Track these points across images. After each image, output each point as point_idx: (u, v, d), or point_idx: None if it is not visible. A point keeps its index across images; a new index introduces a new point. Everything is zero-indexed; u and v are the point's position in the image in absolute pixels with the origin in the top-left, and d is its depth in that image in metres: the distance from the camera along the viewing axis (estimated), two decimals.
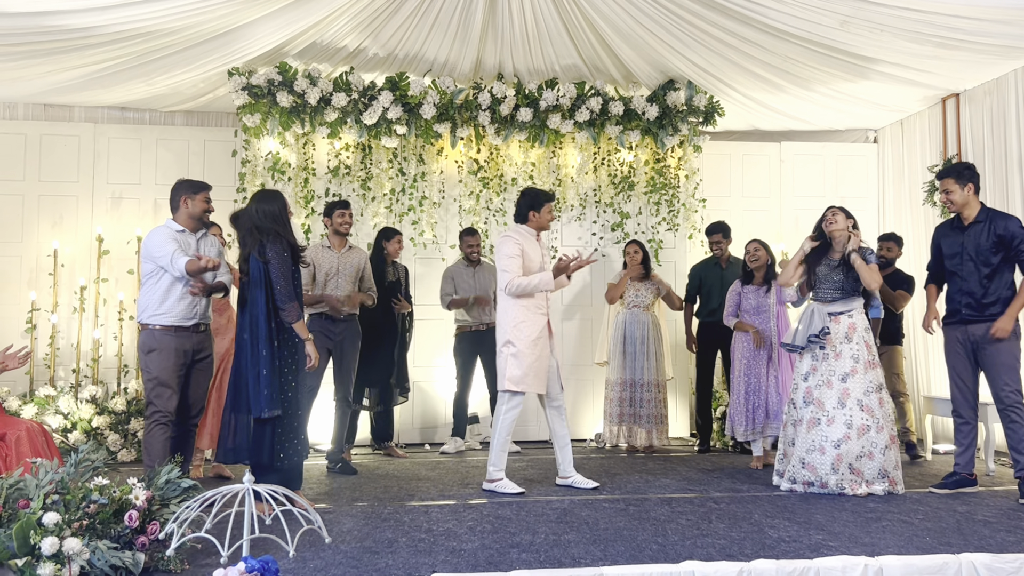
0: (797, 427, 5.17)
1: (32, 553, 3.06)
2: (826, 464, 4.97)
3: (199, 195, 4.89)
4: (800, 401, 5.18)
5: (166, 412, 4.74)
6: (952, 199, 5.05)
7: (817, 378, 5.12)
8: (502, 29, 6.50)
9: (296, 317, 4.46)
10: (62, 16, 5.46)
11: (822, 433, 5.00)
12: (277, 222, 4.53)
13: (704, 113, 7.49)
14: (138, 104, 7.38)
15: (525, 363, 5.08)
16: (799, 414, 5.16)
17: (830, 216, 5.23)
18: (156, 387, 4.74)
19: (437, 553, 3.66)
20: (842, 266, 5.14)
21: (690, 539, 3.91)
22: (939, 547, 3.78)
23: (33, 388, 6.79)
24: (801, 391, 5.18)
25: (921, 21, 5.72)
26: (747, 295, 6.13)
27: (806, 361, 5.20)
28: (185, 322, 4.78)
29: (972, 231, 5.02)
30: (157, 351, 4.73)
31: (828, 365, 5.10)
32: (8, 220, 7.16)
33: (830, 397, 5.05)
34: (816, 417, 5.04)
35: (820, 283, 5.21)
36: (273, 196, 4.65)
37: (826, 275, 5.18)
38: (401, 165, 7.33)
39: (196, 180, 4.99)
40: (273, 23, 6.08)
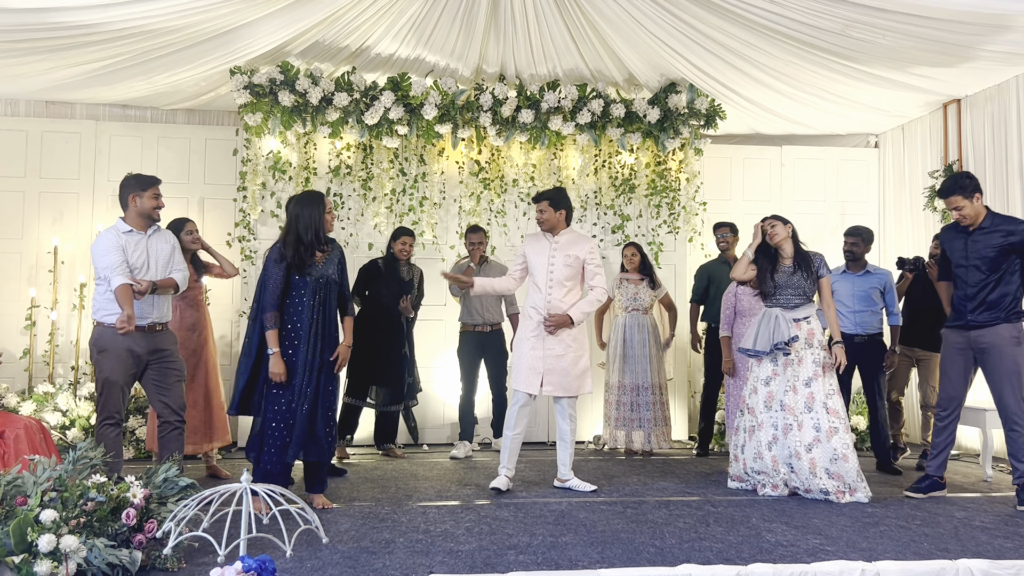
0: (755, 432, 5.16)
1: (29, 550, 3.06)
2: (804, 469, 4.98)
3: (148, 191, 4.76)
4: (760, 406, 5.16)
5: (116, 412, 4.67)
6: (965, 214, 4.96)
7: (780, 383, 5.11)
8: (504, 31, 6.49)
9: (267, 325, 4.48)
10: (65, 13, 5.45)
11: (795, 438, 5.01)
12: (287, 226, 4.62)
13: (705, 116, 7.49)
14: (139, 102, 7.39)
15: (513, 360, 5.38)
16: (758, 419, 5.16)
17: (769, 228, 5.25)
18: (105, 387, 4.66)
19: (434, 554, 3.66)
20: (800, 271, 5.16)
21: (688, 542, 3.92)
22: (936, 553, 3.79)
23: (32, 385, 6.79)
24: (761, 396, 5.16)
25: (924, 27, 5.72)
26: (741, 297, 6.11)
27: (765, 366, 5.19)
28: (139, 321, 4.64)
29: (976, 237, 4.99)
30: (108, 351, 4.63)
31: (792, 370, 5.10)
32: (9, 216, 7.16)
33: (797, 402, 5.05)
34: (789, 423, 5.04)
35: (780, 289, 5.20)
36: (296, 199, 4.67)
37: (786, 281, 5.18)
38: (402, 165, 7.33)
39: (145, 175, 4.84)
40: (275, 22, 6.08)
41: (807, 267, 5.17)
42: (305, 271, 4.54)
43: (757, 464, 5.14)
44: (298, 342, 4.52)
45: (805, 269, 5.17)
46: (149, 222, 4.81)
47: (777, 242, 5.25)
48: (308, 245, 4.54)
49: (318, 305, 4.57)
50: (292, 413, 4.48)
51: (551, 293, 5.16)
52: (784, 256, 5.24)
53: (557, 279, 5.17)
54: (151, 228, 4.84)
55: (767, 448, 5.10)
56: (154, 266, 4.77)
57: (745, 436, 5.24)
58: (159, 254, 4.81)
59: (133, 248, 4.71)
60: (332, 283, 4.63)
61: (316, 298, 4.55)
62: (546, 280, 5.18)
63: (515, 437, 5.18)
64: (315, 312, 4.54)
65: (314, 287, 4.55)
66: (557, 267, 5.18)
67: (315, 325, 4.54)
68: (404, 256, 6.42)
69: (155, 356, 4.74)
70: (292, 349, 4.52)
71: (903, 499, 5.06)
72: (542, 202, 5.29)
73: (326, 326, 4.59)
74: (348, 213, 7.23)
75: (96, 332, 4.71)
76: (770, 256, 5.26)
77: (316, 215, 4.57)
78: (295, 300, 4.55)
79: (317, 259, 4.60)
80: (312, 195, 4.69)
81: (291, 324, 4.54)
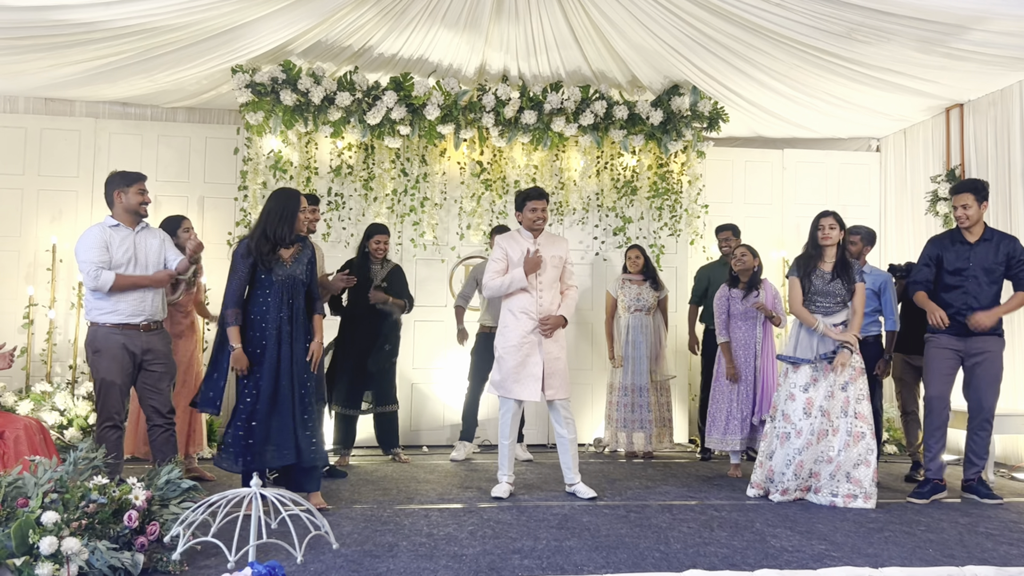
0: (788, 439, 5.04)
1: (30, 552, 3.03)
2: (827, 473, 4.97)
3: (132, 187, 4.67)
4: (799, 412, 5.05)
5: (115, 413, 4.61)
6: (969, 215, 5.15)
7: (820, 389, 5.04)
8: (508, 32, 6.47)
9: (228, 321, 4.44)
10: (66, 11, 5.42)
11: (829, 443, 4.97)
12: (258, 220, 4.60)
13: (708, 119, 7.47)
14: (140, 100, 7.35)
15: (505, 367, 5.07)
16: (796, 426, 5.04)
17: (828, 230, 5.15)
18: (103, 388, 4.61)
19: (438, 558, 3.63)
20: (839, 278, 5.10)
21: (692, 547, 3.90)
22: (942, 559, 3.78)
23: (29, 384, 6.74)
24: (800, 402, 5.06)
25: (928, 30, 5.71)
26: (735, 300, 6.06)
27: (803, 372, 5.09)
28: (132, 319, 4.61)
29: (981, 248, 5.18)
30: (103, 351, 4.58)
31: (833, 375, 5.04)
32: (7, 214, 7.12)
33: (835, 407, 5.02)
34: (825, 428, 4.99)
35: (818, 295, 5.12)
36: (272, 194, 4.65)
37: (825, 288, 5.11)
38: (404, 166, 7.30)
39: (130, 171, 4.76)
40: (277, 21, 6.04)
41: (847, 274, 5.11)
42: (272, 270, 4.47)
43: (790, 471, 5.02)
44: (265, 342, 4.45)
45: (845, 276, 5.11)
46: (136, 218, 4.73)
47: (829, 244, 5.16)
48: (271, 242, 4.49)
49: (284, 305, 4.49)
50: (254, 414, 4.40)
51: (542, 295, 5.08)
52: (826, 259, 5.16)
53: (546, 281, 5.10)
54: (139, 225, 4.76)
55: (798, 453, 5.00)
56: (143, 261, 4.69)
57: (776, 443, 5.11)
58: (148, 250, 4.72)
59: (119, 244, 4.63)
60: (299, 283, 4.54)
61: (282, 297, 4.48)
62: (536, 282, 5.08)
63: (512, 445, 5.16)
64: (281, 311, 4.47)
65: (280, 287, 4.48)
66: (546, 269, 5.10)
67: (282, 324, 4.47)
68: (380, 255, 6.26)
69: (148, 356, 4.69)
70: (260, 348, 4.45)
71: (907, 504, 5.04)
72: (544, 200, 5.20)
73: (294, 326, 4.50)
74: (349, 213, 7.19)
75: (90, 332, 4.65)
76: (807, 256, 5.19)
77: (288, 211, 4.52)
78: (260, 299, 4.49)
79: (285, 258, 4.53)
80: (287, 192, 4.64)
81: (256, 323, 4.48)
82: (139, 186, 4.70)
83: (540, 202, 5.16)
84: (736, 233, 6.84)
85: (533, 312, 5.05)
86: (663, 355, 6.83)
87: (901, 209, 8.11)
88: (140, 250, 4.70)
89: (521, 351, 5.02)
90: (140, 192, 4.69)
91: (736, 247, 6.21)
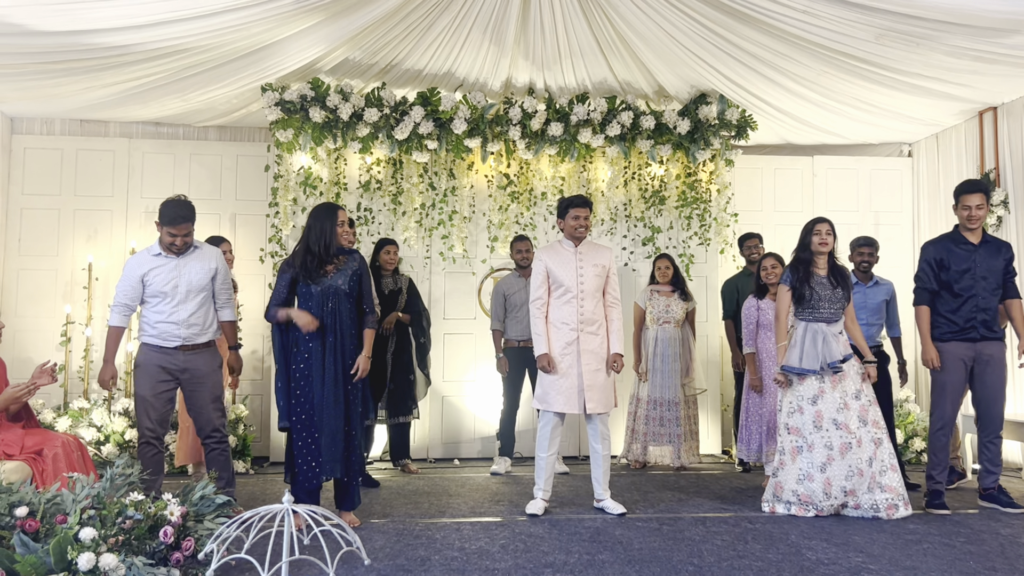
0: (799, 453, 4.92)
1: (69, 568, 3.07)
2: (864, 485, 4.87)
3: (165, 228, 4.59)
4: (809, 426, 4.91)
5: (147, 429, 4.62)
6: (981, 215, 5.15)
7: (830, 401, 4.92)
8: (534, 44, 6.49)
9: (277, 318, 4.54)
10: (100, 35, 5.53)
11: (856, 455, 4.85)
12: (301, 237, 4.65)
13: (736, 127, 7.43)
14: (172, 119, 7.47)
15: (545, 380, 5.02)
16: (807, 440, 4.91)
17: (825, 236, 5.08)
18: (136, 403, 4.68)
19: (470, 572, 3.63)
20: (839, 286, 5.02)
21: (726, 560, 3.86)
22: (983, 571, 3.71)
23: (67, 401, 6.86)
24: (809, 415, 4.92)
25: (958, 34, 5.64)
26: (765, 310, 5.92)
27: (810, 384, 4.95)
28: (166, 343, 4.62)
29: (985, 250, 5.16)
30: (141, 367, 4.64)
31: (841, 386, 4.94)
32: (44, 234, 7.26)
33: (851, 418, 4.90)
34: (847, 441, 4.84)
35: (821, 303, 5.00)
36: (312, 211, 4.68)
37: (828, 295, 4.99)
38: (432, 180, 7.34)
39: (172, 206, 4.60)
40: (306, 40, 6.12)
41: (845, 282, 5.05)
42: (313, 282, 4.50)
43: (802, 487, 4.89)
44: (308, 355, 4.47)
45: (843, 284, 5.04)
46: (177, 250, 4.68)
47: (825, 251, 5.08)
48: (316, 256, 4.52)
49: (327, 315, 4.50)
50: (314, 426, 4.43)
51: (583, 305, 5.01)
52: (819, 267, 5.09)
53: (588, 290, 5.03)
54: (186, 251, 4.71)
55: (819, 470, 4.86)
56: (182, 291, 4.64)
57: (785, 458, 5.00)
58: (191, 279, 4.66)
59: (158, 273, 4.62)
60: (341, 294, 4.53)
61: (324, 309, 4.50)
62: (577, 292, 5.01)
63: (550, 458, 5.02)
64: (323, 322, 4.50)
65: (321, 298, 4.49)
66: (587, 278, 5.03)
67: (324, 335, 4.48)
68: (390, 266, 6.30)
69: (187, 375, 4.68)
70: (303, 363, 4.47)
71: (946, 516, 4.95)
72: (587, 208, 5.10)
73: (338, 338, 4.51)
74: (378, 228, 7.24)
75: (138, 349, 4.75)
76: (804, 262, 5.10)
77: (327, 227, 4.55)
78: (303, 310, 4.53)
79: (327, 271, 4.55)
80: (326, 207, 4.65)
81: (300, 338, 4.50)
82: (171, 230, 4.57)
83: (583, 210, 5.09)
84: (762, 241, 6.77)
85: (573, 323, 4.99)
86: (693, 367, 6.77)
87: (935, 215, 7.99)
88: (182, 279, 4.65)
89: (562, 363, 4.97)
90: (171, 235, 4.59)
91: (763, 256, 6.12)
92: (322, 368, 4.45)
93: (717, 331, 7.64)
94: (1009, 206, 7.03)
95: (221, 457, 4.78)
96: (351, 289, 4.60)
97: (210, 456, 4.79)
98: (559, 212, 5.20)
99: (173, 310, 4.63)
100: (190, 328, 4.68)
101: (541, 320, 5.06)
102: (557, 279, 5.06)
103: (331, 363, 4.47)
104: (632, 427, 6.76)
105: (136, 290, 4.64)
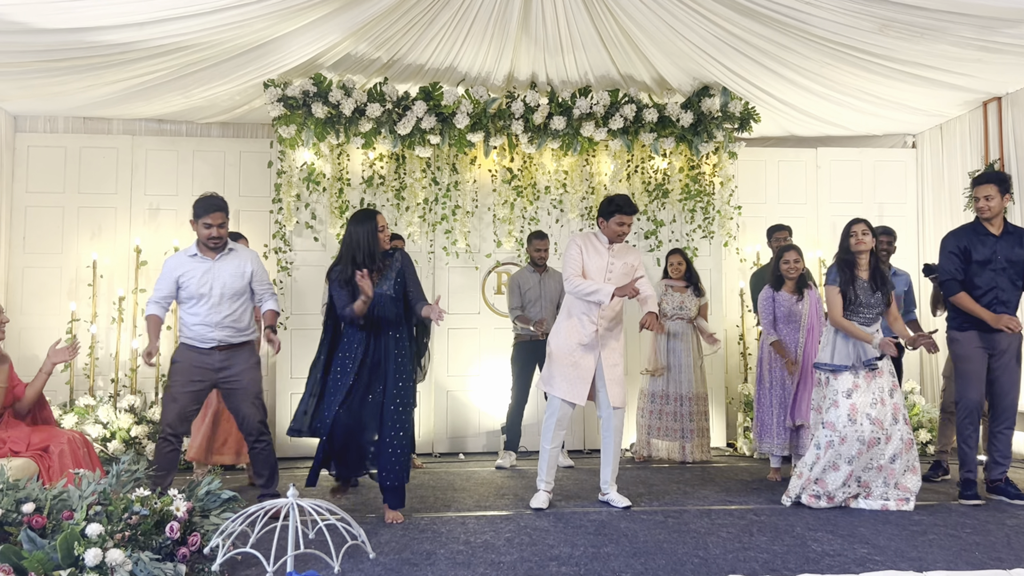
0: (832, 447, 4.87)
1: (76, 564, 3.08)
2: (880, 479, 4.88)
3: (201, 219, 4.61)
4: (844, 419, 4.88)
5: (168, 425, 4.62)
6: (992, 206, 5.11)
7: (865, 396, 4.90)
8: (536, 38, 6.48)
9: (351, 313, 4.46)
10: (102, 32, 5.53)
11: (880, 451, 4.85)
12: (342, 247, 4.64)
13: (739, 119, 7.42)
14: (175, 116, 7.47)
15: (555, 365, 5.01)
16: (840, 433, 4.87)
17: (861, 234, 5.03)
18: (165, 399, 4.70)
19: (476, 566, 3.64)
20: (879, 290, 5.00)
21: (732, 552, 3.86)
22: (989, 562, 3.70)
23: (73, 398, 6.87)
24: (844, 409, 4.89)
25: (962, 23, 5.62)
26: (780, 303, 5.90)
27: (845, 379, 4.94)
28: (201, 344, 4.65)
29: (1006, 241, 5.12)
30: (177, 363, 4.68)
31: (876, 383, 4.92)
32: (48, 232, 7.27)
33: (886, 415, 4.88)
34: (876, 436, 4.83)
35: (862, 307, 4.98)
36: (351, 218, 4.63)
37: (868, 300, 4.98)
38: (435, 175, 7.34)
39: (205, 198, 4.64)
40: (307, 35, 6.12)
41: (885, 285, 5.02)
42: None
43: (826, 475, 4.87)
44: (350, 365, 4.46)
45: (883, 287, 5.01)
46: (213, 249, 4.68)
47: (863, 250, 5.03)
48: (361, 265, 4.45)
49: (372, 326, 4.49)
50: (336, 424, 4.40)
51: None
52: (861, 268, 5.04)
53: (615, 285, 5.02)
54: (221, 253, 4.70)
55: (847, 463, 4.84)
56: (216, 294, 4.64)
57: (820, 452, 4.93)
58: (225, 281, 4.66)
59: (193, 274, 4.63)
60: (387, 299, 4.51)
61: (370, 319, 4.47)
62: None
63: (553, 450, 5.03)
64: (369, 334, 4.48)
65: (369, 308, 4.44)
66: (616, 275, 5.02)
67: (369, 348, 4.47)
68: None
69: (223, 375, 4.69)
70: (344, 372, 4.45)
71: (951, 506, 4.95)
72: (632, 216, 5.05)
73: (383, 348, 4.50)
74: None
75: (176, 348, 4.80)
76: (848, 263, 5.05)
77: (369, 235, 4.49)
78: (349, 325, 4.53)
79: (373, 279, 4.50)
80: (363, 215, 4.59)
81: (346, 345, 4.51)
82: (206, 219, 4.58)
83: (630, 218, 5.04)
84: (791, 233, 6.70)
85: (595, 316, 4.99)
86: (703, 364, 6.76)
87: (939, 206, 7.97)
88: (216, 282, 4.65)
89: (575, 353, 4.96)
90: (207, 226, 4.59)
91: (785, 248, 5.99)
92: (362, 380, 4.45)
93: (722, 325, 7.64)
94: (1013, 196, 6.99)
95: (263, 454, 4.79)
96: (397, 293, 4.57)
97: (252, 454, 4.81)
98: (603, 212, 5.08)
99: (208, 312, 4.63)
100: (224, 330, 4.68)
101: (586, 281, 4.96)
102: (586, 270, 5.05)
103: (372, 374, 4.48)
104: (641, 421, 6.75)
105: (171, 288, 4.67)
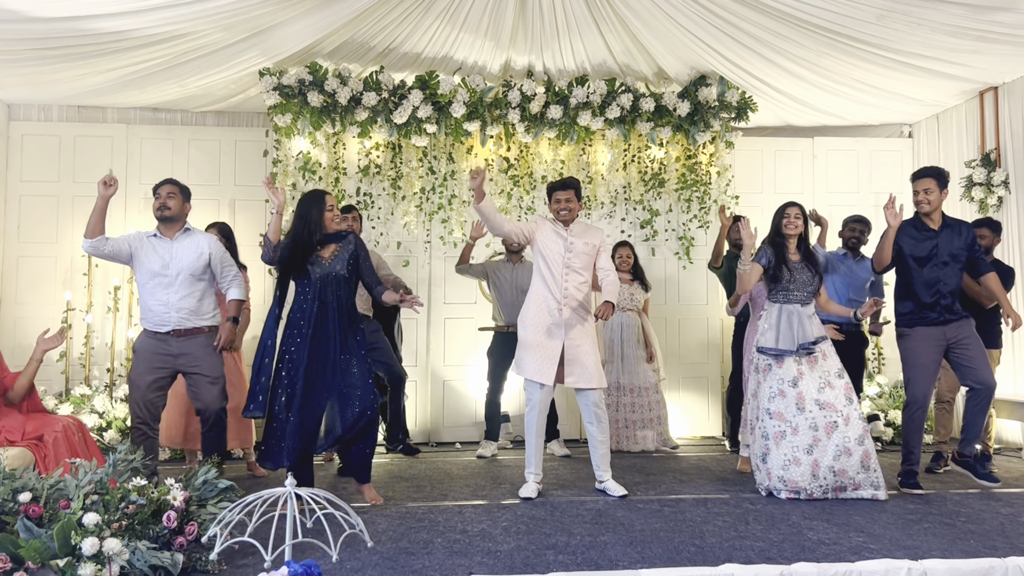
0: (783, 438, 4.83)
1: (73, 553, 3.08)
2: (856, 464, 4.82)
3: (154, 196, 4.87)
4: (792, 409, 4.85)
5: (137, 414, 4.71)
6: (930, 198, 5.19)
7: (811, 383, 4.88)
8: (532, 26, 6.45)
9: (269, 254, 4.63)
10: (97, 20, 5.50)
11: (843, 434, 4.80)
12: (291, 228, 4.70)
13: (736, 109, 7.40)
14: (170, 105, 7.43)
15: (523, 350, 5.04)
16: (790, 423, 4.83)
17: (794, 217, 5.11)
18: (129, 387, 4.82)
19: (473, 554, 3.64)
20: (810, 269, 5.03)
21: (728, 541, 3.87)
22: (984, 550, 3.72)
23: (68, 387, 6.86)
24: (791, 398, 4.86)
25: (960, 15, 5.61)
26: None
27: (789, 367, 4.91)
28: (159, 328, 4.73)
29: (945, 234, 5.20)
30: (136, 352, 4.79)
31: (821, 367, 4.93)
32: (43, 221, 7.25)
33: (837, 397, 4.87)
34: (832, 420, 4.80)
35: (795, 285, 5.00)
36: (300, 198, 4.74)
37: (801, 278, 5.00)
38: (431, 164, 7.32)
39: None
40: (303, 23, 6.08)
41: (815, 265, 5.07)
42: (308, 270, 4.53)
43: (789, 473, 4.81)
44: (300, 340, 4.50)
45: (814, 267, 5.06)
46: (169, 226, 4.82)
47: (795, 233, 5.09)
48: (303, 247, 4.54)
49: (320, 303, 4.53)
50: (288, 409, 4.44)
51: (567, 281, 4.99)
52: (791, 251, 5.08)
53: (575, 267, 5.02)
54: (179, 232, 4.84)
55: (805, 453, 4.79)
56: (174, 273, 4.75)
57: (770, 444, 4.91)
58: (182, 261, 4.78)
59: (152, 252, 4.76)
60: (340, 279, 4.57)
61: (321, 296, 4.52)
62: (562, 270, 5.00)
63: (539, 441, 5.03)
64: (317, 310, 4.51)
65: (320, 285, 4.52)
66: (575, 256, 5.02)
67: (318, 323, 4.51)
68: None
69: (182, 360, 4.77)
70: (295, 346, 4.50)
71: (946, 496, 4.97)
72: (569, 191, 5.08)
73: (336, 323, 4.53)
74: (378, 212, 7.23)
75: (137, 336, 4.86)
76: (777, 245, 5.09)
77: (314, 215, 4.57)
78: (300, 297, 4.57)
79: (325, 257, 4.58)
80: (310, 195, 4.67)
81: (295, 321, 4.55)
82: (158, 191, 4.83)
83: (564, 192, 5.09)
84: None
85: (558, 297, 4.99)
86: (657, 356, 6.85)
87: None
88: (173, 260, 4.78)
89: (540, 334, 4.97)
90: (157, 197, 4.83)
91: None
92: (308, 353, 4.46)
93: (718, 313, 7.64)
94: (1010, 186, 7.01)
95: (218, 439, 4.85)
96: (350, 273, 4.63)
97: (207, 436, 4.86)
98: (548, 196, 5.23)
99: (164, 292, 4.73)
100: (180, 312, 4.75)
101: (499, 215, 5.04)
102: (544, 254, 5.06)
103: (326, 347, 4.50)
104: None
105: (120, 245, 4.79)
